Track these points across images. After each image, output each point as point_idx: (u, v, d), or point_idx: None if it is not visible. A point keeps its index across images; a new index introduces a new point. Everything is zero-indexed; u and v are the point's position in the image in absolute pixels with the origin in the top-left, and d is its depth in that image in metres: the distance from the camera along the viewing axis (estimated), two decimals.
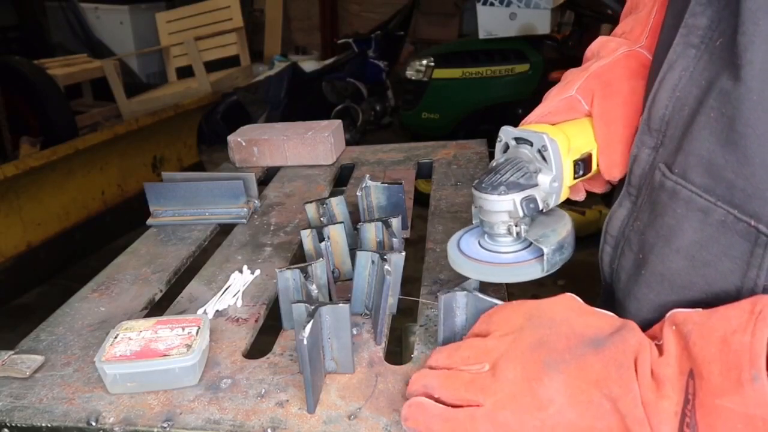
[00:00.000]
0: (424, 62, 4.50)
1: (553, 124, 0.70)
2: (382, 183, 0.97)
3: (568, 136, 0.68)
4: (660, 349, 0.51)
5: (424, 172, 1.30)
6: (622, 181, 0.69)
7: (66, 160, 3.01)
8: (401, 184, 0.97)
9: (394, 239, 0.82)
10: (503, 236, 0.68)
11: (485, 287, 0.69)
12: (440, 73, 4.43)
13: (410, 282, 0.81)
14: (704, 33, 0.56)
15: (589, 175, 0.71)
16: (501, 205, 0.65)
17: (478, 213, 0.69)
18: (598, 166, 0.71)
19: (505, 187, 0.65)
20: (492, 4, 4.25)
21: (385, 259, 0.73)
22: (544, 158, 0.66)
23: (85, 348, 0.76)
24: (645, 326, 0.56)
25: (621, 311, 0.64)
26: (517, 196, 0.65)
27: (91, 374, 0.71)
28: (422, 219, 1.06)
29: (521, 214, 0.65)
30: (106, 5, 6.23)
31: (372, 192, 0.98)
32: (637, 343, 0.52)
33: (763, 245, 0.50)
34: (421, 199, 1.20)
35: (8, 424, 0.65)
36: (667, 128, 0.60)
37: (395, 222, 0.84)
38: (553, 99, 0.72)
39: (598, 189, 0.76)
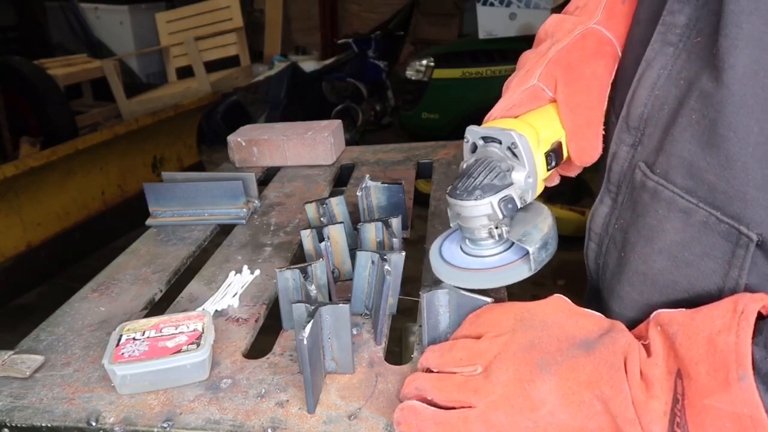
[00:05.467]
0: (424, 62, 4.50)
1: (517, 116, 0.69)
2: (382, 183, 0.97)
3: (536, 128, 0.66)
4: (647, 349, 0.52)
5: (424, 172, 1.30)
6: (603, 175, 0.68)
7: (66, 160, 3.02)
8: (401, 184, 0.97)
9: (394, 239, 0.82)
10: (485, 239, 0.66)
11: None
12: (440, 73, 4.44)
13: (410, 282, 0.81)
14: (682, 31, 0.56)
15: (561, 162, 0.70)
16: (479, 210, 0.63)
17: (455, 218, 0.67)
18: (568, 152, 0.69)
19: (481, 191, 0.63)
20: (492, 4, 4.25)
21: (385, 259, 0.73)
22: (515, 155, 0.64)
23: (85, 348, 0.76)
24: (629, 325, 0.57)
25: (605, 310, 0.65)
26: (494, 198, 0.63)
27: (91, 374, 0.71)
28: (422, 219, 1.06)
29: (500, 215, 0.63)
30: (106, 5, 6.24)
31: (372, 192, 0.98)
32: (626, 344, 0.52)
33: (745, 246, 0.50)
34: (421, 199, 1.20)
35: (8, 424, 0.65)
36: (645, 126, 0.60)
37: (395, 222, 0.84)
38: (515, 90, 0.71)
39: (572, 173, 0.75)
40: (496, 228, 0.65)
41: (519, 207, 0.65)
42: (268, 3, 6.57)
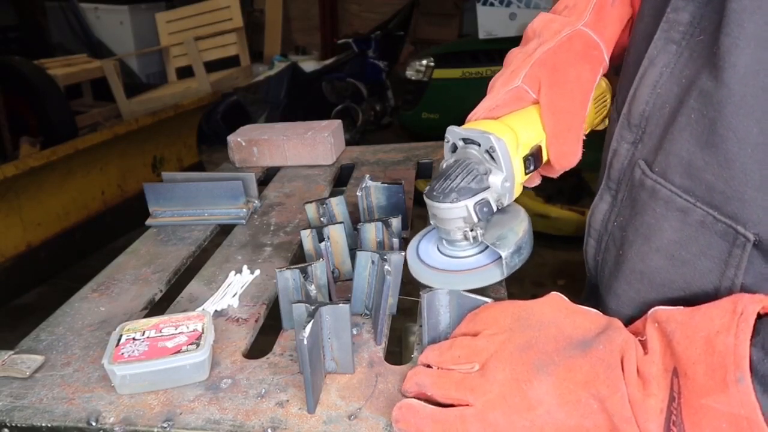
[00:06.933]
0: (424, 62, 4.51)
1: (499, 117, 0.69)
2: (382, 183, 0.97)
3: (516, 131, 0.66)
4: (643, 345, 0.52)
5: (424, 172, 1.30)
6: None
7: (66, 160, 3.01)
8: (401, 184, 0.97)
9: (394, 239, 0.82)
10: (460, 241, 0.66)
11: (487, 286, 0.69)
12: (440, 73, 4.44)
13: (410, 282, 0.81)
14: (686, 29, 0.55)
15: (540, 165, 0.70)
16: (454, 213, 0.64)
17: (432, 218, 0.68)
18: (548, 156, 0.69)
19: (457, 194, 0.63)
20: (492, 4, 4.25)
21: (385, 259, 0.73)
22: (493, 158, 0.64)
23: (85, 348, 0.76)
24: (626, 322, 0.57)
25: (603, 306, 0.65)
26: (470, 202, 0.63)
27: (91, 374, 0.71)
28: (422, 219, 1.05)
29: (476, 219, 0.64)
30: (106, 5, 6.24)
31: (372, 192, 0.98)
32: (623, 342, 0.52)
33: (742, 246, 0.50)
34: (421, 199, 1.20)
35: (8, 424, 0.65)
36: (647, 125, 0.60)
37: (395, 222, 0.84)
38: (499, 90, 0.71)
39: (553, 174, 0.75)
40: (471, 231, 0.65)
41: (495, 210, 0.65)
42: (268, 3, 6.57)
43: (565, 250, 3.05)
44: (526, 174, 0.67)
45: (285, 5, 6.81)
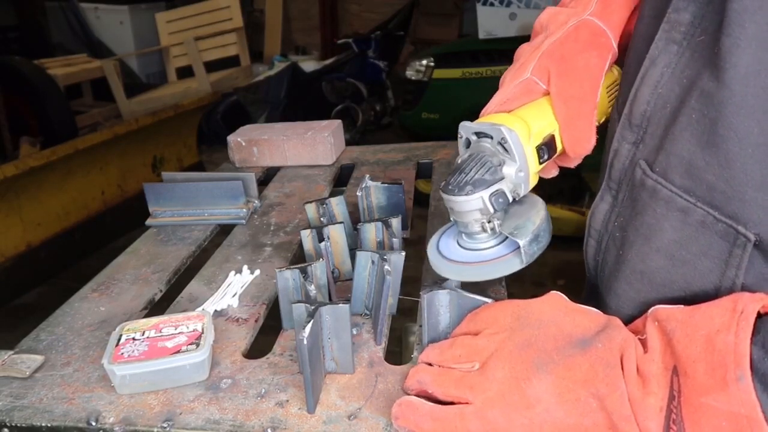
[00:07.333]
0: (424, 62, 4.51)
1: (511, 110, 0.69)
2: (382, 183, 0.97)
3: (527, 122, 0.67)
4: (643, 344, 0.52)
5: (424, 172, 1.30)
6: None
7: (66, 160, 3.01)
8: (401, 184, 0.97)
9: (394, 239, 0.82)
10: (479, 233, 0.68)
11: (487, 286, 0.69)
12: (440, 73, 4.44)
13: (410, 282, 0.81)
14: (687, 29, 0.56)
15: (555, 155, 0.70)
16: (470, 205, 0.65)
17: (451, 212, 0.69)
18: (562, 144, 0.70)
19: (472, 186, 0.64)
20: (492, 4, 4.25)
21: (385, 259, 0.73)
22: (506, 149, 0.65)
23: (85, 348, 0.76)
24: (626, 322, 0.57)
25: (603, 306, 0.65)
26: (485, 193, 0.64)
27: (91, 374, 0.71)
28: (422, 219, 1.06)
29: (492, 210, 0.65)
30: (106, 5, 6.25)
31: (372, 192, 0.98)
32: (622, 341, 0.52)
33: (742, 246, 0.51)
34: (421, 199, 1.20)
35: (8, 424, 0.65)
36: (648, 125, 0.60)
37: (395, 222, 0.84)
38: (509, 84, 0.71)
39: (571, 164, 0.74)
40: (489, 222, 0.66)
41: (511, 201, 0.66)
42: (268, 3, 6.57)
43: (565, 250, 3.04)
44: (540, 163, 0.68)
45: (285, 5, 6.81)
